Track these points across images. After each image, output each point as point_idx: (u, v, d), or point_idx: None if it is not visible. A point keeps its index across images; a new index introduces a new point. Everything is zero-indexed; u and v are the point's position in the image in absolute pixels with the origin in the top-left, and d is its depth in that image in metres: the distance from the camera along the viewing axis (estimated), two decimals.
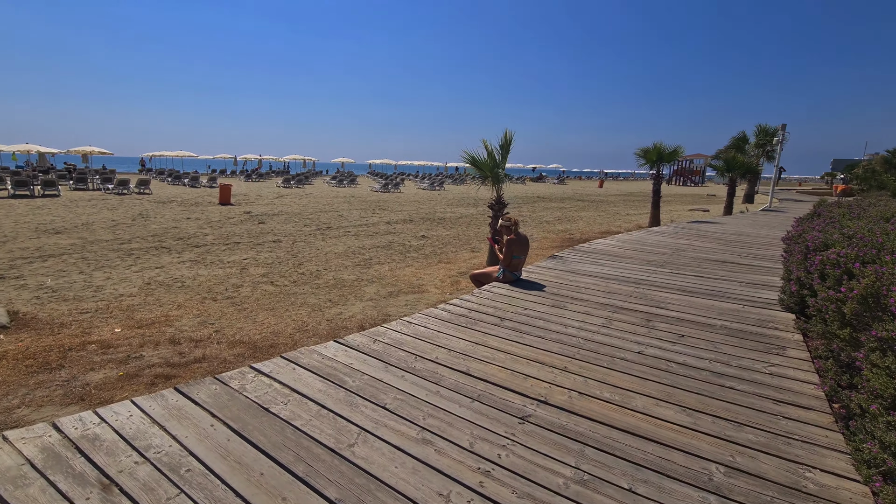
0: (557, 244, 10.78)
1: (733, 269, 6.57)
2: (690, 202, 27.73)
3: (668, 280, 5.75)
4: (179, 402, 2.48)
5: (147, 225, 12.08)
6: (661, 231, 10.79)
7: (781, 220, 15.00)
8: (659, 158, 13.62)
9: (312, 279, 7.24)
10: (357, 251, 9.64)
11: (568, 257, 7.12)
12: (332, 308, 5.77)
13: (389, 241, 11.06)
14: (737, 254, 7.82)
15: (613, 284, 5.44)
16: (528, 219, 16.39)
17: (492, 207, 8.16)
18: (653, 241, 9.15)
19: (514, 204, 22.70)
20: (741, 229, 11.60)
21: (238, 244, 9.94)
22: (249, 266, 7.96)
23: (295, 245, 10.07)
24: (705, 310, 4.53)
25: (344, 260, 8.73)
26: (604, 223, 15.59)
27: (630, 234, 10.06)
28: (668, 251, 7.91)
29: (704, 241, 9.30)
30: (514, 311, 4.32)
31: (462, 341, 3.53)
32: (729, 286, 5.50)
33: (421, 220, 15.13)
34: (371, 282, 7.19)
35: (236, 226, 12.57)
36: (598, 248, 7.96)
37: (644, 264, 6.71)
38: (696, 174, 59.07)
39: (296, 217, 14.82)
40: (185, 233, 11.10)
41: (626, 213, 19.92)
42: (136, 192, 20.86)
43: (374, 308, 5.80)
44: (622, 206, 23.68)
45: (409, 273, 7.80)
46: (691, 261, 7.08)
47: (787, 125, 19.60)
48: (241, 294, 6.24)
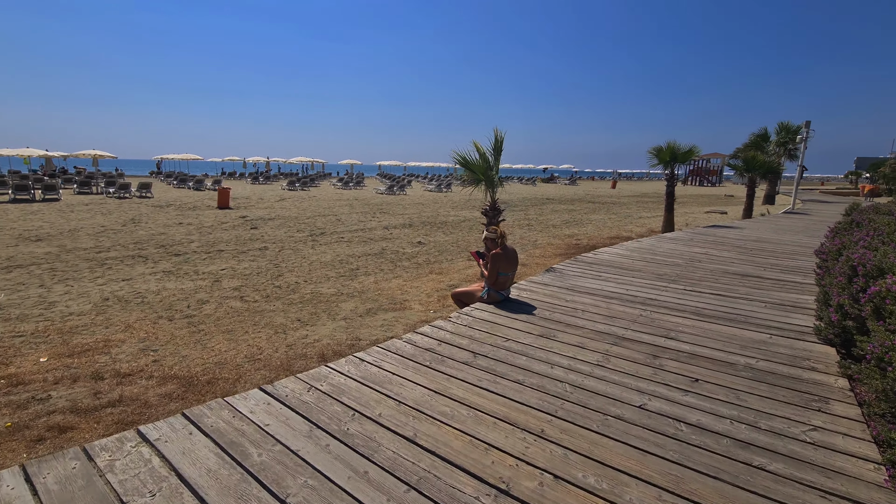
0: (562, 251, 10.04)
1: (756, 284, 5.77)
2: (707, 203, 26.61)
3: (680, 299, 4.99)
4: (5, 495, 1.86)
5: (135, 231, 11.65)
6: (674, 238, 9.97)
7: (806, 223, 13.99)
8: (673, 158, 12.76)
9: (288, 293, 6.64)
10: (345, 260, 9.03)
11: (567, 270, 6.39)
12: (299, 330, 5.14)
13: (383, 248, 10.44)
14: (759, 265, 7.00)
15: (616, 305, 4.71)
16: (534, 222, 15.64)
17: (485, 213, 7.46)
18: (665, 249, 8.36)
19: (522, 206, 21.93)
20: (763, 235, 10.70)
21: (221, 252, 9.41)
22: (224, 278, 7.40)
23: (281, 253, 9.50)
24: (725, 341, 3.78)
25: (328, 270, 8.12)
26: (614, 227, 14.75)
27: (640, 242, 9.27)
28: (682, 262, 7.12)
29: (722, 249, 8.47)
30: (493, 342, 3.63)
31: (419, 388, 2.86)
32: (752, 308, 4.73)
33: (421, 225, 14.49)
34: (351, 296, 6.56)
35: (227, 231, 12.08)
36: (602, 259, 7.21)
37: (654, 279, 5.95)
38: (714, 174, 57.42)
39: (291, 221, 14.30)
40: (170, 239, 10.62)
41: (639, 215, 19.01)
42: (137, 196, 20.63)
43: (346, 330, 5.16)
44: (635, 207, 22.73)
45: (396, 286, 7.15)
46: (708, 274, 6.30)
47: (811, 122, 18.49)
48: (202, 312, 5.65)
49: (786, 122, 26.01)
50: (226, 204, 17.76)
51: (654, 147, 13.07)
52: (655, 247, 8.57)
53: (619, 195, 32.77)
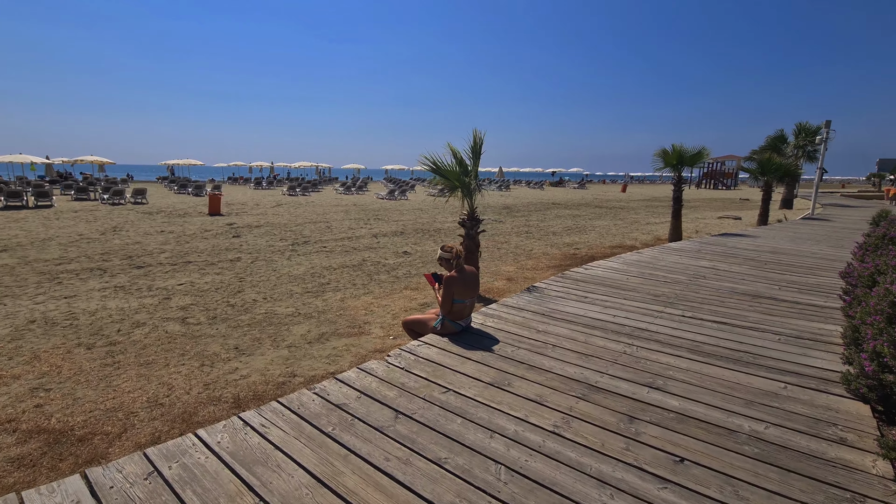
0: (556, 263, 9.23)
1: (769, 309, 4.92)
2: (721, 208, 25.47)
3: (676, 330, 4.18)
4: None
5: (110, 240, 11.15)
6: (679, 248, 9.09)
7: (827, 231, 12.95)
8: (680, 162, 11.86)
9: (239, 313, 5.97)
10: (318, 272, 8.35)
11: (551, 289, 5.61)
12: (230, 361, 4.45)
13: (364, 259, 9.75)
14: (774, 282, 6.13)
15: (597, 338, 3.93)
16: (534, 229, 14.82)
17: (463, 224, 6.73)
18: (667, 262, 7.51)
19: (525, 211, 21.12)
20: (779, 245, 9.76)
21: (189, 264, 8.81)
22: (177, 294, 6.76)
23: (252, 265, 8.87)
24: (725, 394, 2.98)
25: (295, 285, 7.45)
26: (618, 235, 13.87)
27: (641, 254, 8.42)
28: (685, 279, 6.28)
29: (732, 262, 7.59)
30: (428, 395, 2.89)
31: (299, 474, 2.12)
32: (763, 342, 3.90)
33: (413, 232, 13.79)
34: (308, 317, 5.86)
35: (206, 240, 11.52)
36: (593, 276, 6.41)
37: (648, 301, 5.14)
38: (729, 177, 55.81)
39: (278, 229, 13.72)
40: (142, 250, 10.08)
41: (647, 221, 18.06)
42: (132, 202, 20.32)
43: (285, 362, 4.46)
44: (643, 212, 21.75)
45: (362, 304, 6.44)
46: (713, 294, 5.46)
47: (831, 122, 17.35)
48: (130, 338, 5.00)
49: (804, 123, 24.80)
50: (217, 210, 17.29)
51: (659, 150, 12.20)
52: (657, 260, 7.72)
53: (629, 199, 31.71)
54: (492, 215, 19.10)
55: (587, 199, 31.33)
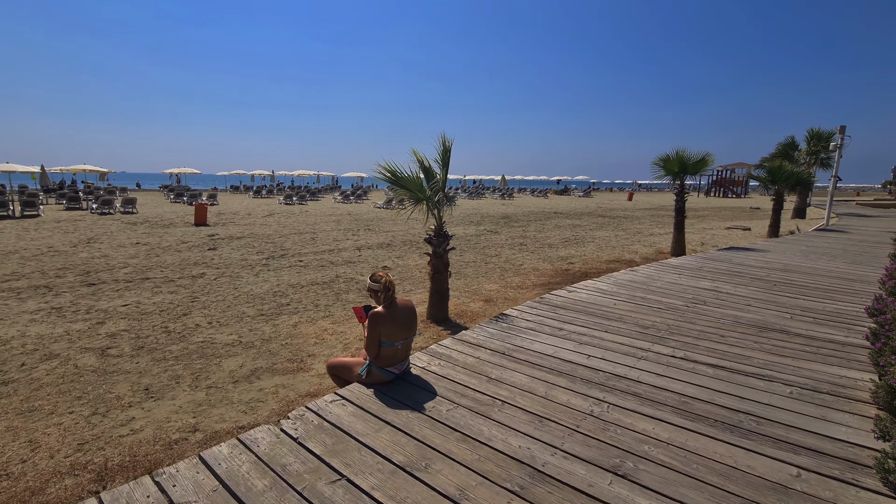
0: (544, 281, 8.46)
1: (779, 345, 4.12)
2: (729, 217, 24.48)
3: (662, 378, 3.40)
4: None
5: (77, 254, 10.58)
6: (679, 266, 8.26)
7: (844, 244, 12.02)
8: (682, 169, 11.05)
9: (173, 342, 5.28)
10: (282, 291, 7.66)
11: (523, 318, 4.85)
12: (129, 409, 3.75)
13: (338, 275, 9.05)
14: (785, 309, 5.31)
15: (560, 391, 3.16)
16: (530, 241, 14.05)
17: (429, 241, 6.01)
18: (664, 282, 6.71)
19: (524, 221, 20.34)
20: (791, 261, 8.89)
21: (146, 281, 8.17)
22: (114, 318, 6.10)
23: (214, 282, 8.21)
24: (717, 488, 2.20)
25: (250, 306, 6.76)
26: (617, 247, 13.04)
27: (636, 272, 7.62)
28: (681, 304, 5.49)
29: (738, 282, 6.77)
30: (306, 490, 2.15)
31: None
32: (770, 397, 3.11)
33: (400, 244, 13.08)
34: (249, 347, 5.16)
35: (178, 253, 10.91)
36: (577, 300, 5.63)
37: (635, 335, 4.36)
38: (738, 185, 54.53)
39: (259, 241, 13.10)
40: (105, 264, 9.48)
41: (650, 231, 17.19)
42: (121, 212, 19.90)
43: (196, 409, 3.75)
44: (647, 222, 20.86)
45: (316, 331, 5.73)
46: (712, 326, 4.66)
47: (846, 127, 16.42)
48: (30, 375, 4.32)
49: (816, 129, 23.80)
50: (203, 221, 16.75)
51: (659, 157, 11.40)
52: (652, 279, 6.92)
53: (634, 208, 30.79)
54: (489, 225, 18.37)
55: (591, 207, 30.47)
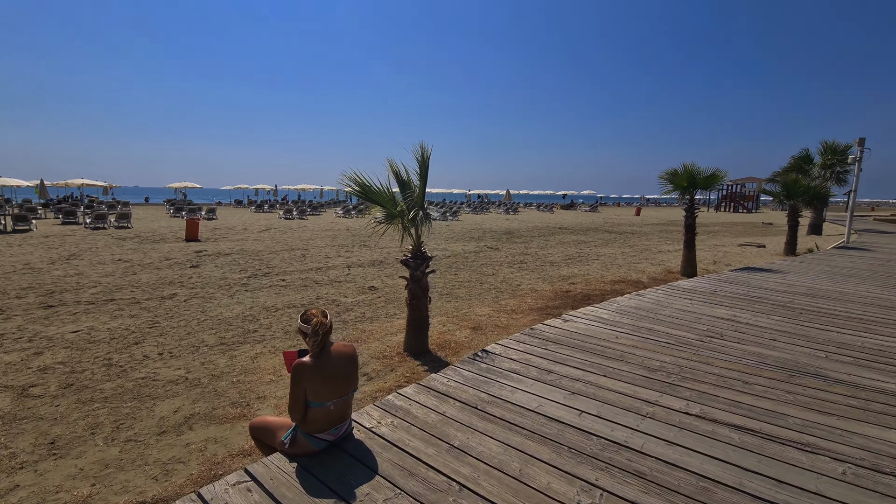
0: (542, 304, 7.72)
1: (818, 398, 3.36)
2: (742, 233, 23.58)
3: (672, 447, 2.67)
4: None
5: (48, 272, 10.05)
6: (691, 289, 7.49)
7: (871, 263, 11.14)
8: (692, 184, 10.33)
9: (109, 378, 4.63)
10: (253, 315, 7.01)
11: (507, 356, 4.14)
12: (16, 473, 3.08)
13: (319, 296, 8.40)
14: (817, 345, 4.54)
15: (540, 468, 2.44)
16: (531, 258, 13.32)
17: (406, 264, 5.33)
18: (674, 309, 5.96)
19: (526, 237, 19.63)
20: (816, 284, 8.08)
21: (111, 302, 7.58)
22: (56, 347, 5.48)
23: (184, 304, 7.59)
24: None
25: (212, 333, 6.11)
26: (624, 265, 12.27)
27: (642, 297, 6.87)
28: (695, 337, 4.74)
29: (759, 309, 6.00)
30: None
31: None
32: (818, 481, 2.36)
33: (394, 262, 12.43)
34: (193, 385, 4.49)
35: (157, 271, 10.35)
36: (573, 332, 4.91)
37: (639, 380, 3.63)
38: (749, 200, 53.46)
39: (247, 258, 12.53)
40: (75, 283, 8.92)
41: (659, 248, 16.39)
42: (115, 227, 19.53)
43: (99, 473, 3.07)
44: (656, 238, 20.04)
45: (276, 364, 5.05)
46: (733, 367, 3.91)
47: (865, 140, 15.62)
48: None
49: (831, 142, 22.95)
50: (194, 236, 16.27)
51: (667, 171, 10.70)
52: (660, 306, 6.17)
53: (642, 223, 29.96)
54: (490, 241, 17.68)
55: (597, 223, 29.69)
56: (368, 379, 4.65)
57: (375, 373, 4.81)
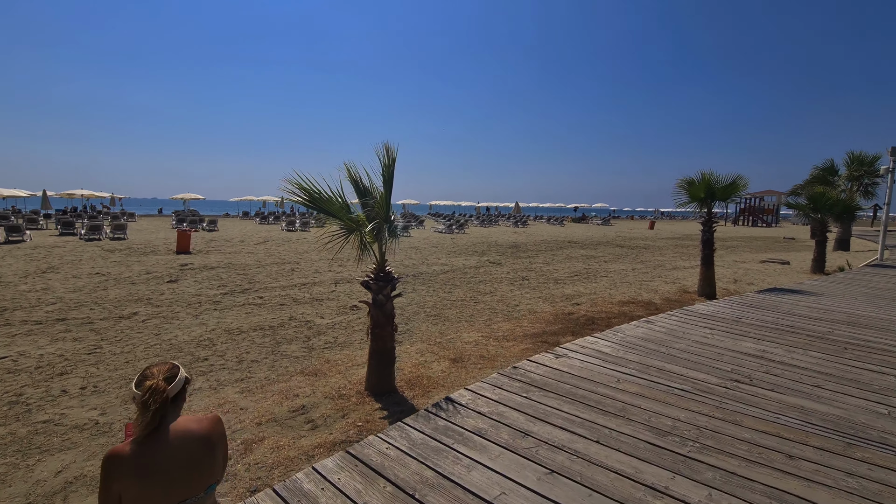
0: (539, 329, 6.82)
1: (890, 482, 2.41)
2: (762, 248, 22.31)
3: None
4: None
5: (15, 286, 9.46)
6: (711, 314, 6.52)
7: None
8: (710, 195, 9.38)
9: (4, 422, 3.87)
10: (211, 340, 6.25)
11: (474, 408, 3.26)
12: None
13: (292, 316, 7.62)
14: (874, 394, 3.57)
15: None
16: (534, 275, 12.40)
17: (367, 287, 4.52)
18: (690, 342, 5.01)
19: (533, 251, 18.69)
20: (856, 309, 7.03)
21: (60, 322, 6.89)
22: None
23: (140, 325, 6.87)
24: None
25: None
26: (635, 283, 11.28)
27: (653, 324, 5.92)
28: (717, 382, 3.81)
29: (792, 342, 5.03)
30: None
31: None
32: None
33: None
34: (101, 433, 3.71)
35: (131, 286, 9.70)
36: (566, 371, 4.01)
37: (646, 448, 2.73)
38: (769, 213, 51.70)
39: (232, 271, 11.85)
40: (34, 300, 8.28)
41: (673, 264, 15.33)
42: (110, 238, 19.14)
43: None
44: (671, 253, 18.93)
45: (211, 404, 4.24)
46: (769, 429, 2.98)
47: None
48: None
49: (858, 153, 21.70)
50: (185, 249, 15.71)
51: (682, 179, 9.77)
52: (674, 337, 5.22)
53: (656, 237, 28.77)
54: (494, 255, 16.78)
55: (609, 236, 28.59)
56: (312, 428, 3.81)
57: (323, 419, 3.97)
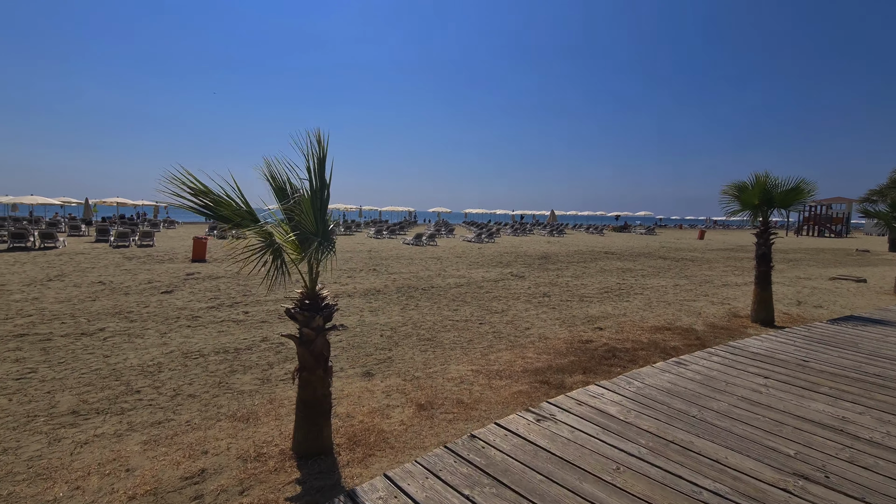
0: (545, 364, 5.60)
1: None
2: (832, 262, 19.67)
3: None
4: None
5: (9, 294, 9.25)
6: (765, 354, 5.04)
7: None
8: (766, 201, 7.78)
9: None
10: (159, 366, 5.48)
11: None
12: None
13: (264, 337, 6.79)
14: None
15: None
16: (558, 290, 11.05)
17: (293, 316, 3.52)
18: (734, 398, 3.66)
19: (563, 263, 17.21)
20: None
21: (21, 338, 6.37)
22: None
23: (100, 343, 6.25)
24: None
25: (76, 395, 4.60)
26: (674, 304, 9.71)
27: (685, 367, 4.56)
28: (772, 474, 2.51)
29: (883, 403, 3.57)
30: None
31: None
32: None
33: (396, 291, 10.67)
34: None
35: (124, 297, 9.26)
36: (545, 448, 2.82)
37: None
38: (837, 222, 46.94)
39: (234, 282, 11.31)
40: (13, 312, 7.91)
41: (723, 280, 13.47)
42: (137, 245, 19.42)
43: None
44: (720, 267, 16.90)
45: (96, 461, 3.39)
46: None
47: None
48: None
49: None
50: (200, 256, 15.49)
51: (731, 185, 8.22)
52: (713, 389, 3.87)
53: (706, 248, 26.34)
54: (519, 267, 15.50)
55: (651, 247, 26.44)
56: None
57: (214, 496, 2.98)
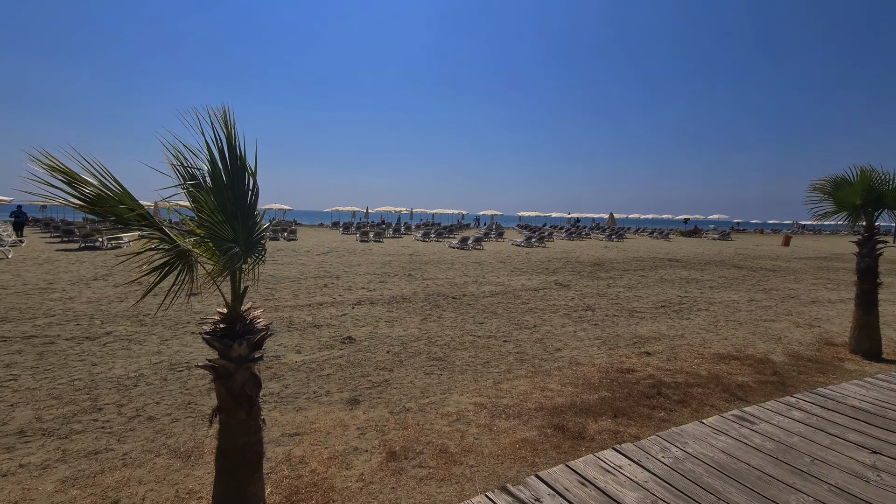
0: (565, 401, 4.56)
1: None
2: None
3: None
4: None
5: (48, 294, 9.57)
6: (870, 409, 3.64)
7: None
8: (870, 201, 6.12)
9: None
10: (141, 378, 5.10)
11: None
12: None
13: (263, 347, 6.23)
14: None
15: None
16: (606, 303, 9.74)
17: (211, 343, 2.78)
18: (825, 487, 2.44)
19: (617, 270, 15.59)
20: None
21: (24, 340, 6.33)
22: None
23: (101, 349, 6.06)
24: None
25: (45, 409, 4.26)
26: (746, 324, 8.10)
27: (749, 425, 3.34)
28: None
29: None
30: None
31: None
32: None
33: (423, 299, 9.92)
34: None
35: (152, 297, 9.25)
36: None
37: None
38: None
39: (261, 285, 11.12)
40: (43, 311, 8.08)
41: (812, 295, 11.36)
42: None
43: None
44: (809, 279, 14.47)
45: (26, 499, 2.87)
46: None
47: None
48: None
49: None
50: None
51: (825, 178, 6.62)
52: (790, 467, 2.66)
53: (791, 256, 23.16)
54: (566, 275, 14.18)
55: (725, 254, 23.69)
56: None
57: None
